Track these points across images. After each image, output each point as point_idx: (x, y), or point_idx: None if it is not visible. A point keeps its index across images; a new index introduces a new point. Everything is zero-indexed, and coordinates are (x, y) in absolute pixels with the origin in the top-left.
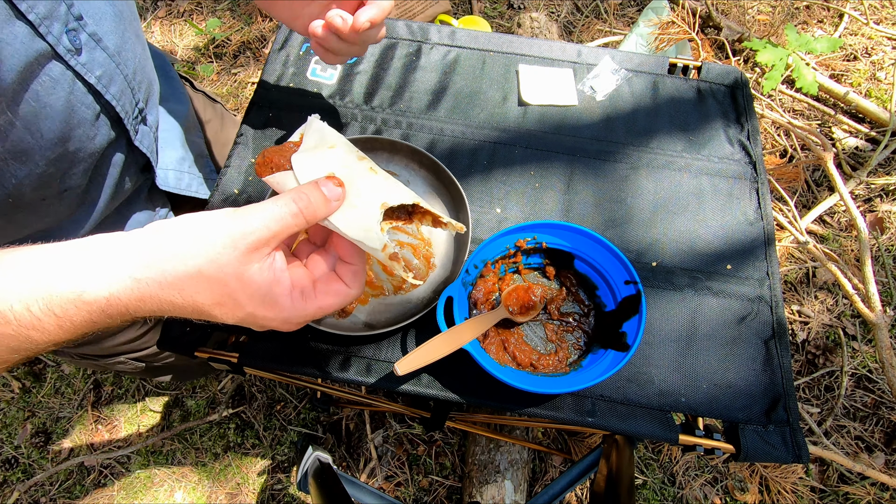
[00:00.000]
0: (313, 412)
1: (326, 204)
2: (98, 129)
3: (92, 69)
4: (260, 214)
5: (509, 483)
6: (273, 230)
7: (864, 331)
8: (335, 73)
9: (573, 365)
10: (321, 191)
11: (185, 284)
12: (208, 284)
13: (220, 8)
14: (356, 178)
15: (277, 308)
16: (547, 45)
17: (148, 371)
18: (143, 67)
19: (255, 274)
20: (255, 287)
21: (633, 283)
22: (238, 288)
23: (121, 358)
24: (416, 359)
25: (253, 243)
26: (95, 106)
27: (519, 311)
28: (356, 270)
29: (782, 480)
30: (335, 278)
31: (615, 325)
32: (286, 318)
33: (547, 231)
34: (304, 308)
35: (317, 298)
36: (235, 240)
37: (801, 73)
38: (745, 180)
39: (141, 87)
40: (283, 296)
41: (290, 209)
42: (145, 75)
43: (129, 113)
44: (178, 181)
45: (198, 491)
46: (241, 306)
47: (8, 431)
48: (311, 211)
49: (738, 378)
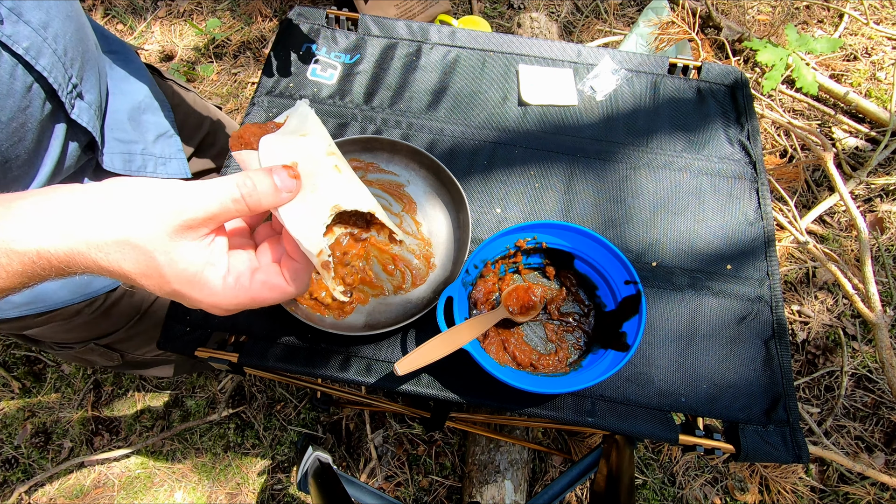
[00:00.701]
0: (313, 412)
1: (275, 194)
2: (31, 101)
3: (18, 41)
4: (202, 193)
5: (509, 483)
6: (211, 212)
7: (864, 331)
8: (335, 73)
9: (573, 365)
10: (272, 179)
11: (112, 249)
12: (134, 253)
13: (220, 8)
14: (318, 172)
15: (207, 290)
16: (547, 45)
17: (129, 365)
18: (76, 47)
19: (185, 252)
20: (183, 265)
21: (633, 283)
22: (165, 263)
23: (90, 344)
24: (416, 359)
25: (187, 221)
26: (27, 77)
27: (519, 311)
28: (297, 269)
29: (782, 480)
30: (277, 272)
31: (615, 325)
32: (215, 303)
33: (547, 231)
34: (236, 295)
35: (250, 287)
36: (171, 214)
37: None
38: (745, 180)
39: (73, 63)
40: (215, 279)
41: (232, 194)
42: (79, 53)
43: (62, 86)
44: (127, 163)
45: (198, 491)
46: (167, 281)
47: (8, 431)
48: (255, 199)
49: (738, 378)
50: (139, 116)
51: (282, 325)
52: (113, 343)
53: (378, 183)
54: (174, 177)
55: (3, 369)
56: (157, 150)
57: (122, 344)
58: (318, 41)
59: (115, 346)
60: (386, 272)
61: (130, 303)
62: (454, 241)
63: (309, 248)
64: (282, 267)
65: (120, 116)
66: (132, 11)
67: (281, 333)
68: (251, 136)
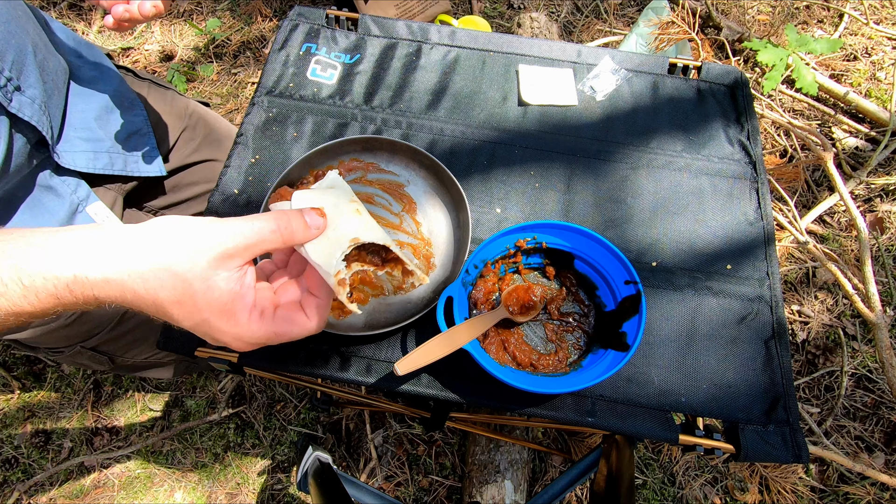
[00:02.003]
0: (313, 412)
1: (306, 230)
2: None
3: None
4: (239, 225)
5: (509, 483)
6: (248, 241)
7: (864, 331)
8: (335, 73)
9: (573, 365)
10: (303, 217)
11: (151, 276)
12: (173, 280)
13: (220, 8)
14: (340, 215)
15: (233, 321)
16: (547, 45)
17: (122, 369)
18: (6, 40)
19: (220, 281)
20: (217, 294)
21: (633, 282)
22: (201, 290)
23: (77, 347)
24: (416, 359)
25: (227, 250)
26: None
27: (519, 311)
28: (320, 304)
29: (782, 480)
30: (298, 308)
31: (615, 325)
32: (238, 335)
33: (547, 231)
34: (259, 328)
35: (274, 323)
36: (212, 246)
37: (801, 73)
38: (745, 180)
39: (5, 57)
40: (242, 311)
41: (270, 226)
42: (11, 48)
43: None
44: (92, 161)
45: (198, 491)
46: (199, 310)
47: (8, 431)
48: (290, 232)
49: (738, 378)
50: (107, 116)
51: None
52: (99, 346)
53: (378, 183)
54: (148, 174)
55: (3, 369)
56: (129, 148)
57: (109, 346)
58: (318, 41)
59: (102, 348)
60: (386, 274)
61: None
62: (454, 241)
63: (327, 271)
64: (303, 304)
65: (85, 116)
66: None
67: None
68: (287, 193)
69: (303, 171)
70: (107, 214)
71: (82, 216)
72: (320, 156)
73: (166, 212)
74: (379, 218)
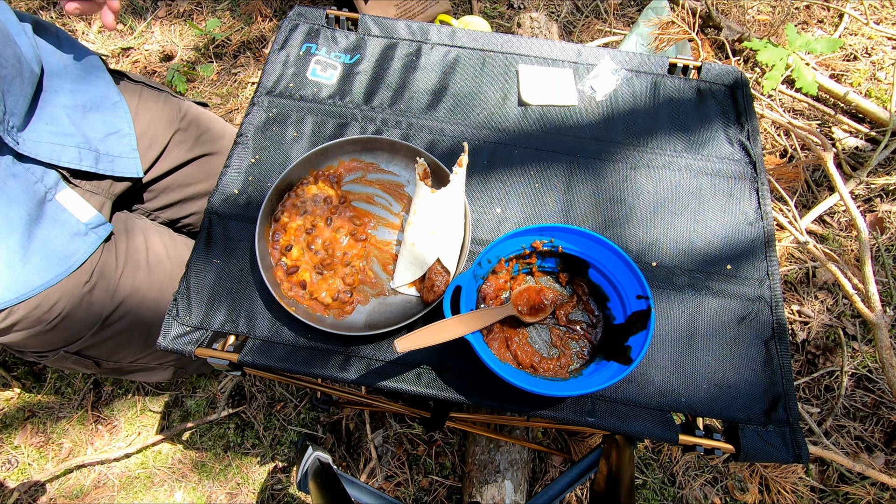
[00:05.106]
0: (313, 412)
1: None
2: None
3: None
4: None
5: (509, 483)
6: None
7: (864, 331)
8: (335, 73)
9: (574, 373)
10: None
11: None
12: None
13: (220, 8)
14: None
15: None
16: (547, 45)
17: (109, 372)
18: None
19: None
20: None
21: (645, 297)
22: None
23: (61, 352)
24: (417, 339)
25: None
26: None
27: (527, 312)
28: None
29: (782, 480)
30: None
31: (621, 339)
32: None
33: (565, 236)
34: None
35: None
36: None
37: (801, 73)
38: (745, 180)
39: None
40: None
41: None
42: None
43: None
44: (55, 153)
45: (198, 491)
46: None
47: (8, 431)
48: None
49: (738, 378)
50: (84, 114)
51: (282, 324)
52: (83, 350)
53: (378, 183)
54: (122, 174)
55: (3, 369)
56: (105, 147)
57: (93, 350)
58: (318, 41)
59: (86, 353)
60: (386, 272)
61: (89, 310)
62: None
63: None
64: None
65: (56, 111)
66: (132, 11)
67: (281, 333)
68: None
69: (303, 171)
70: (79, 203)
71: (52, 204)
72: (320, 156)
73: (160, 213)
74: (379, 218)
